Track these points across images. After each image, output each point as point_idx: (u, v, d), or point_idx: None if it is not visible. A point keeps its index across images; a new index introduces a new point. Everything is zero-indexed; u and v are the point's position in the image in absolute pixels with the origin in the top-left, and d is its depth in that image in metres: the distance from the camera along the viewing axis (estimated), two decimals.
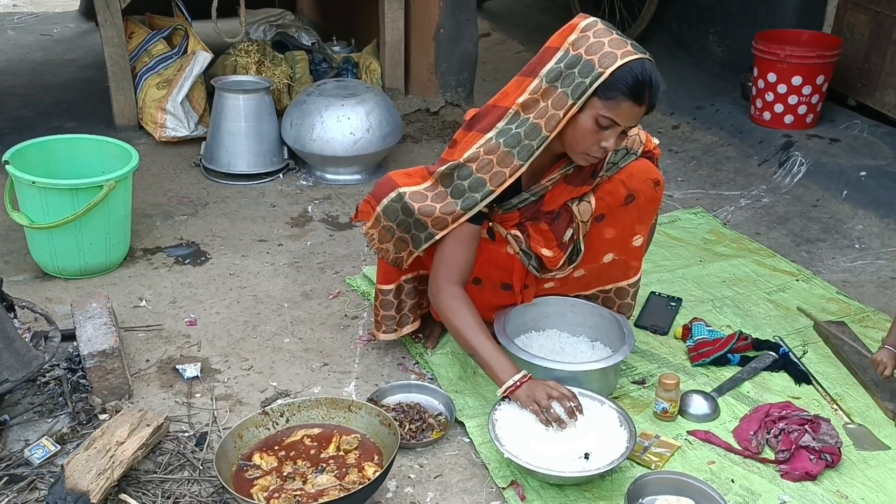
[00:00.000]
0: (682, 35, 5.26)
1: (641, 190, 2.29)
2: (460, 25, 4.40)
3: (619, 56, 1.98)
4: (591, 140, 2.05)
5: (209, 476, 2.01)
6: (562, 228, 2.26)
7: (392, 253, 2.27)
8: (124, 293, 2.79)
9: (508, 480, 2.02)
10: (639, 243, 2.39)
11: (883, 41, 4.00)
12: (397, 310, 2.41)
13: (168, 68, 4.03)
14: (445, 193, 2.13)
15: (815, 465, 2.05)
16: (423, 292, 2.42)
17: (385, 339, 2.47)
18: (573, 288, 2.48)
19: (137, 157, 2.90)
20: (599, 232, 2.32)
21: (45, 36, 5.90)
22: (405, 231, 2.21)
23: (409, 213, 2.16)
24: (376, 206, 2.23)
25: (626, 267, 2.43)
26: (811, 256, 3.18)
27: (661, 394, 2.22)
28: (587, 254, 2.34)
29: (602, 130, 2.03)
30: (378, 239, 2.27)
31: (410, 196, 2.16)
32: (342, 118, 3.57)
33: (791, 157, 3.84)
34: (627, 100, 1.99)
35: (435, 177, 2.15)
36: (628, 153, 2.29)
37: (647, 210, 2.33)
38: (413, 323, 2.46)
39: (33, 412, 2.20)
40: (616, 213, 2.31)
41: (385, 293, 2.37)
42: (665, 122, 4.42)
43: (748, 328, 2.64)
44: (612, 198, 2.28)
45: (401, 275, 2.36)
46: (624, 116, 2.01)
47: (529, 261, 2.28)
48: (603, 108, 2.00)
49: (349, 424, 2.09)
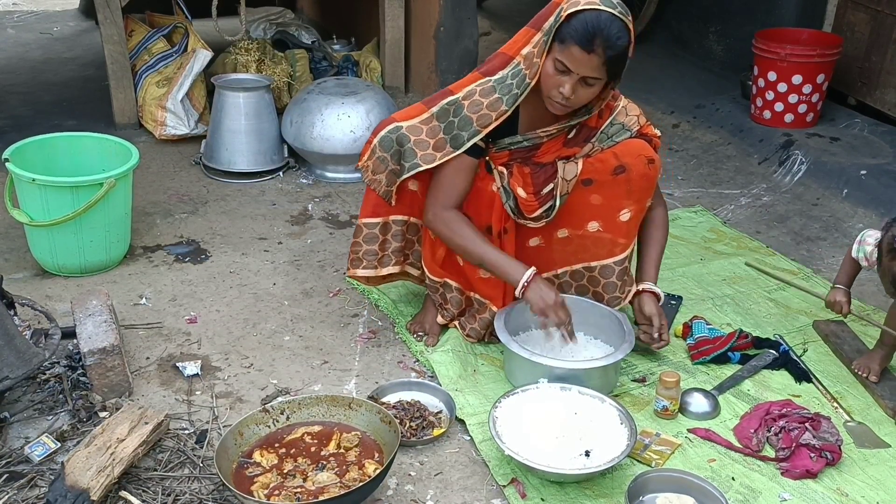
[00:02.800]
0: (682, 34, 5.26)
1: (633, 165, 2.35)
2: (460, 24, 4.40)
3: (581, 3, 2.08)
4: (550, 83, 2.16)
5: (209, 473, 2.01)
6: (542, 177, 2.33)
7: (384, 185, 2.35)
8: (124, 291, 2.79)
9: (509, 478, 2.02)
10: (626, 218, 2.40)
11: (883, 40, 3.99)
12: (381, 247, 2.47)
13: (168, 66, 4.03)
14: (439, 128, 2.26)
15: (816, 462, 2.05)
16: (410, 242, 2.51)
17: (363, 277, 2.51)
18: (558, 253, 2.47)
19: (138, 154, 2.89)
20: (585, 196, 2.37)
21: (45, 34, 5.89)
22: (397, 161, 2.31)
23: (404, 142, 2.28)
24: (373, 139, 2.33)
25: (612, 243, 2.43)
26: (811, 255, 3.18)
27: (662, 392, 2.22)
28: (571, 217, 2.39)
29: (559, 75, 2.14)
30: (372, 170, 2.35)
31: (407, 129, 2.29)
32: (342, 116, 3.56)
33: (791, 156, 3.84)
34: (576, 45, 2.08)
35: (432, 111, 2.27)
36: (624, 128, 2.38)
37: (638, 186, 2.37)
38: (394, 265, 2.50)
39: (33, 409, 2.20)
40: (604, 182, 2.35)
41: (370, 227, 2.44)
42: (665, 120, 4.42)
43: (748, 326, 2.64)
44: (602, 165, 2.35)
45: (389, 213, 2.43)
46: (574, 62, 2.10)
47: (507, 199, 2.34)
48: (557, 51, 2.12)
49: (349, 422, 2.09)
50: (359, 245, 2.47)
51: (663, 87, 4.72)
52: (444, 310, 2.52)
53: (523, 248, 2.45)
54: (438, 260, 2.45)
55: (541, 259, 2.45)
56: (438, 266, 2.46)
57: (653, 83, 4.78)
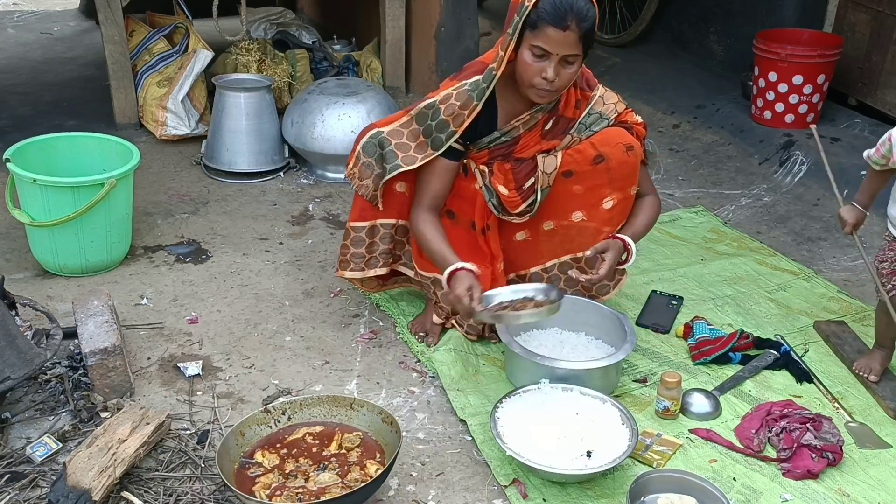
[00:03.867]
0: (682, 34, 5.26)
1: (612, 153, 2.37)
2: (461, 24, 4.40)
3: None
4: (531, 71, 2.19)
5: (211, 474, 2.01)
6: (523, 173, 2.36)
7: (371, 189, 2.41)
8: (125, 291, 2.79)
9: (510, 478, 2.03)
10: (608, 206, 2.40)
11: (884, 40, 3.99)
12: (368, 249, 2.50)
13: (169, 66, 4.03)
14: (419, 131, 2.31)
15: (817, 463, 2.06)
16: (400, 243, 2.54)
17: (350, 278, 2.56)
18: (545, 245, 2.49)
19: (138, 155, 2.90)
20: (567, 187, 2.39)
21: (46, 34, 5.89)
22: (381, 165, 2.36)
23: (385, 146, 2.34)
24: (357, 147, 2.39)
25: (596, 232, 2.43)
26: (812, 255, 3.18)
27: (663, 392, 2.22)
28: (556, 208, 2.41)
29: (539, 61, 2.17)
30: (359, 176, 2.40)
31: (388, 133, 2.34)
32: (343, 117, 3.56)
33: (792, 156, 3.84)
34: (550, 25, 2.12)
35: (412, 114, 2.32)
36: (602, 117, 2.40)
37: (619, 173, 2.38)
38: (381, 267, 2.54)
39: (35, 410, 2.20)
40: (585, 172, 2.37)
41: (357, 230, 2.48)
42: (666, 120, 4.42)
43: (749, 327, 2.64)
44: (580, 156, 2.37)
45: (377, 216, 2.47)
46: (551, 42, 2.13)
47: (490, 197, 2.37)
48: (532, 37, 2.15)
49: (351, 422, 2.09)
50: (346, 248, 2.52)
51: (664, 87, 4.72)
52: (439, 308, 2.53)
53: (510, 243, 2.47)
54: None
55: (528, 252, 2.50)
56: (427, 261, 2.47)
57: (653, 83, 4.78)
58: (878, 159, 2.25)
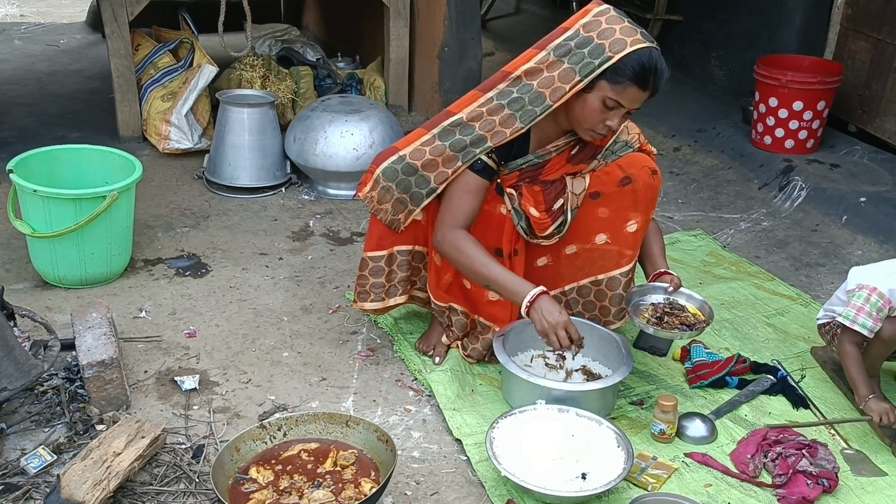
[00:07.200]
0: (684, 58, 5.30)
1: (639, 175, 2.40)
2: (464, 44, 4.43)
3: (629, 43, 2.14)
4: (597, 118, 2.22)
5: (205, 489, 2.01)
6: (553, 194, 2.36)
7: (390, 214, 2.37)
8: (124, 304, 2.80)
9: (505, 499, 2.02)
10: (633, 229, 2.42)
11: (884, 68, 4.02)
12: (387, 278, 2.46)
13: (173, 81, 4.06)
14: (444, 147, 2.28)
15: (813, 489, 2.05)
16: (416, 269, 2.51)
17: (371, 310, 2.50)
18: (566, 269, 2.49)
19: (141, 168, 2.91)
20: (593, 210, 2.40)
21: (52, 46, 5.93)
22: (404, 191, 2.32)
23: (412, 171, 2.30)
24: (376, 169, 2.35)
25: (619, 255, 2.44)
26: (810, 281, 3.18)
27: (659, 415, 2.22)
28: (580, 231, 2.41)
29: (608, 111, 2.21)
30: (377, 200, 2.36)
31: (410, 156, 2.30)
32: (346, 134, 3.58)
33: (791, 182, 3.86)
34: (634, 85, 2.16)
35: (434, 133, 2.30)
36: (627, 145, 2.44)
37: (644, 196, 2.40)
38: (401, 296, 2.51)
39: (31, 421, 2.20)
40: (611, 194, 2.39)
41: (375, 260, 2.44)
42: (666, 144, 4.44)
43: (747, 351, 2.64)
44: (608, 177, 2.39)
45: (395, 243, 2.43)
46: (629, 100, 2.18)
47: (519, 220, 2.36)
48: (610, 90, 2.17)
49: (347, 440, 2.09)
50: (365, 278, 2.46)
51: (665, 110, 4.74)
52: (450, 331, 2.53)
53: (531, 268, 2.46)
54: (444, 286, 2.46)
55: (548, 277, 2.47)
56: (444, 292, 2.46)
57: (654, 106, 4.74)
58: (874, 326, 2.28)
